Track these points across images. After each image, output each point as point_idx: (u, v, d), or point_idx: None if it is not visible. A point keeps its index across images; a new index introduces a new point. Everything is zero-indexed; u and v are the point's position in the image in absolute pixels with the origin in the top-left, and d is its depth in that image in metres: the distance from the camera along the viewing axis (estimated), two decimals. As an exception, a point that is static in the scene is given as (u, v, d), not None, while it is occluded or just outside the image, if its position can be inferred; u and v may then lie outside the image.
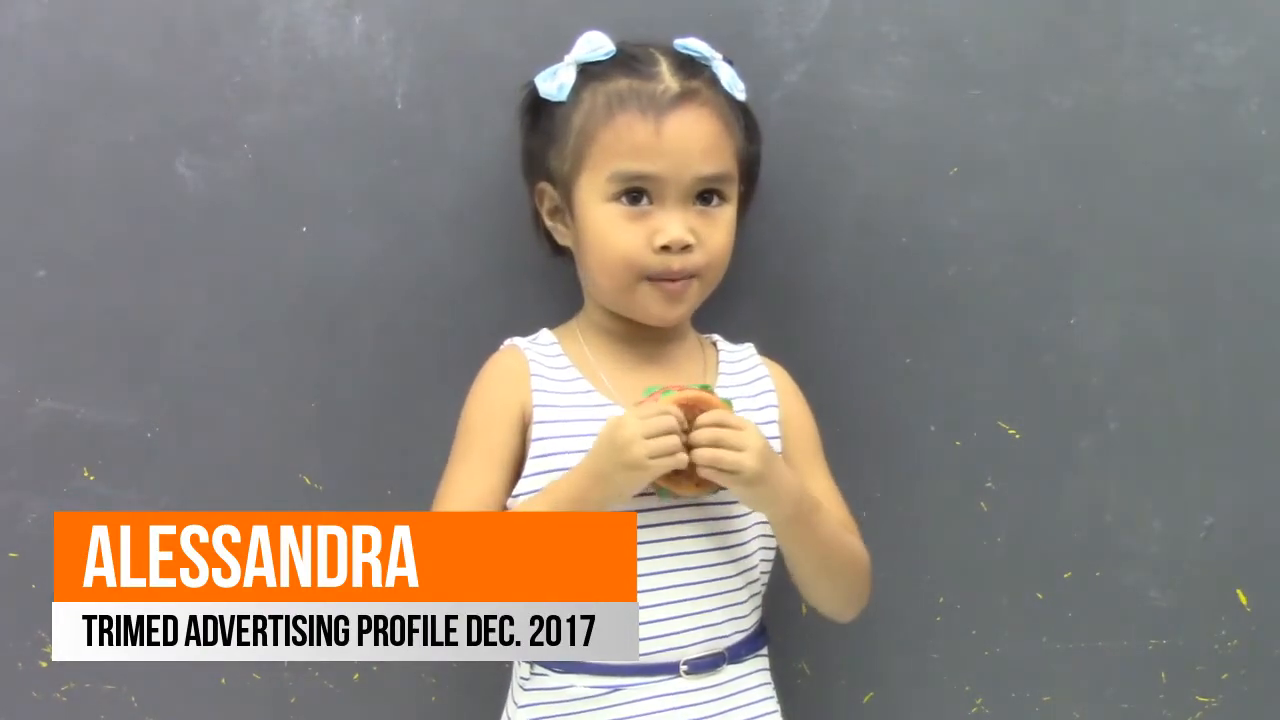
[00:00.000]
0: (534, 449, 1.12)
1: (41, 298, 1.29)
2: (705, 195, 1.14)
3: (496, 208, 1.24)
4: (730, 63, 1.18)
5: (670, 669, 1.11)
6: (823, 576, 1.16)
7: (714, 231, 1.14)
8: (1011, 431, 1.32)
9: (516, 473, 1.12)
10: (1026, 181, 1.29)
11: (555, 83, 1.16)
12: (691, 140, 1.12)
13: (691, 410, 1.06)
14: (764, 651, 1.19)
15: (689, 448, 1.05)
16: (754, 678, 1.17)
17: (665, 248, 1.11)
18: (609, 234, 1.13)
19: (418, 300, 1.29)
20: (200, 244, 1.29)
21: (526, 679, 1.14)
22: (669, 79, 1.13)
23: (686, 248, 1.12)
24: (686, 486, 1.07)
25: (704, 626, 1.13)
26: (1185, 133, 1.29)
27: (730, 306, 1.28)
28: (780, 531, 1.13)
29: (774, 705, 1.19)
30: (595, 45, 1.16)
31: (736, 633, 1.15)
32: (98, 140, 1.27)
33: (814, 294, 1.31)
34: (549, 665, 1.12)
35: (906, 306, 1.31)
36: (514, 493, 1.12)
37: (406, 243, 1.29)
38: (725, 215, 1.15)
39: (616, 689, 1.11)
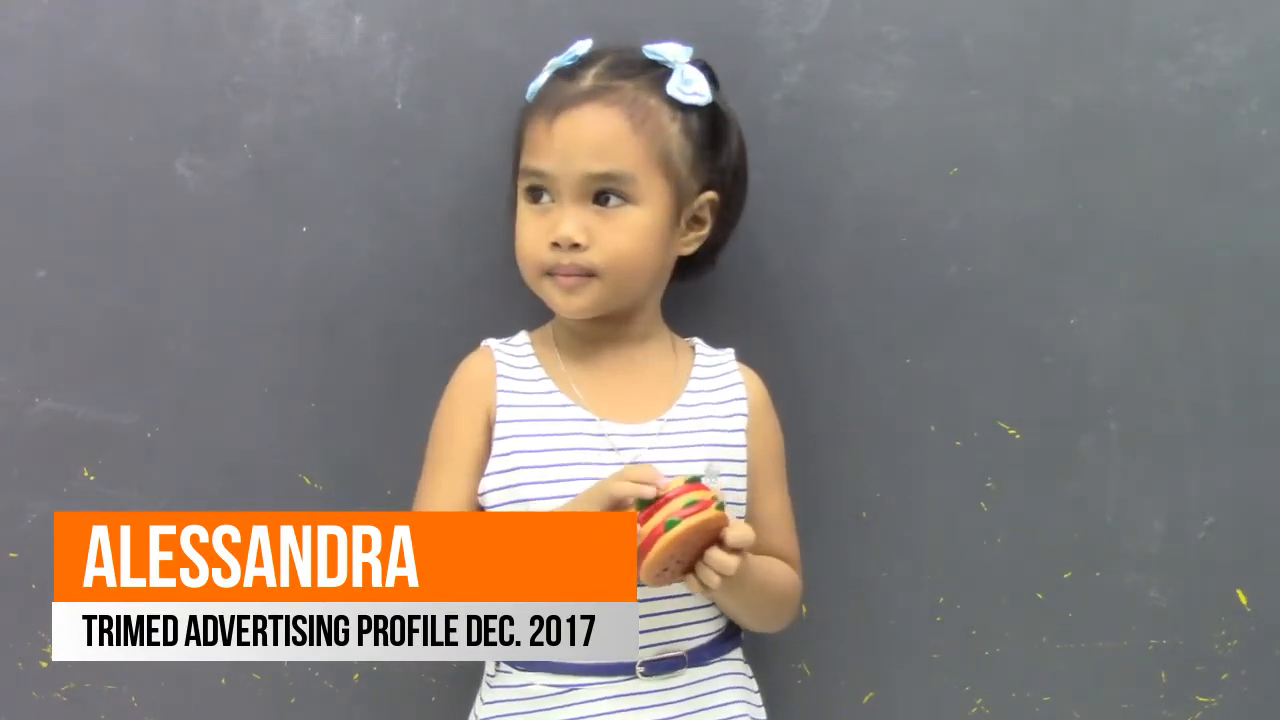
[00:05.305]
0: (495, 447, 1.13)
1: (41, 298, 1.29)
2: (602, 195, 1.12)
3: (496, 208, 1.23)
4: (706, 67, 1.16)
5: (627, 669, 1.11)
6: (745, 616, 1.18)
7: (612, 233, 1.12)
8: (1011, 431, 1.32)
9: None
10: (1026, 181, 1.29)
11: (532, 88, 1.17)
12: (581, 137, 1.11)
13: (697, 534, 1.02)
14: (734, 654, 1.19)
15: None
16: (723, 680, 1.16)
17: (556, 244, 1.12)
18: (520, 231, 1.15)
19: (417, 300, 1.29)
20: (200, 244, 1.29)
21: (492, 675, 1.15)
22: (590, 78, 1.13)
23: (576, 245, 1.11)
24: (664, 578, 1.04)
25: (658, 629, 1.13)
26: (1185, 133, 1.29)
27: (729, 307, 1.28)
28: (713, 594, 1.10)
29: (745, 709, 1.17)
30: (573, 51, 1.16)
31: (697, 636, 1.15)
32: (98, 140, 1.27)
33: (814, 294, 1.31)
34: (512, 663, 1.13)
35: (906, 306, 1.30)
36: (479, 490, 1.13)
37: (406, 243, 1.29)
38: (629, 217, 1.12)
39: (573, 688, 1.11)
